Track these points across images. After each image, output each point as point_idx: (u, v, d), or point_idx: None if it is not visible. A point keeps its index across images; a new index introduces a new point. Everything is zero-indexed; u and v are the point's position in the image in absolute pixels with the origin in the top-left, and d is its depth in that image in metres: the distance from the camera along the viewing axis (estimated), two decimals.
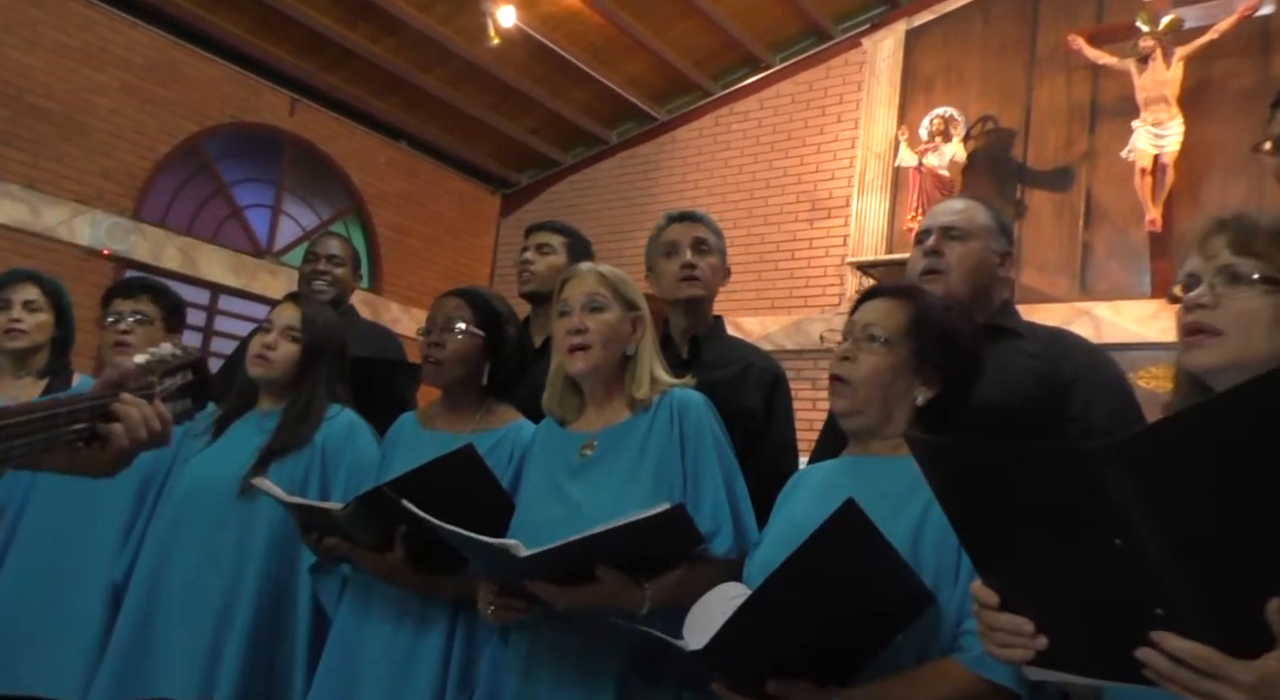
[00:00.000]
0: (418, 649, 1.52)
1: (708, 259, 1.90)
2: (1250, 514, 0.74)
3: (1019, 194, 4.75)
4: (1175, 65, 4.09)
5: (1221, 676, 0.75)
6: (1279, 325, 0.91)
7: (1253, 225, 0.95)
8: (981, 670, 1.07)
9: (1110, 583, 0.80)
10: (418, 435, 1.69)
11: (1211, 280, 0.96)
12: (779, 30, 5.56)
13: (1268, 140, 1.43)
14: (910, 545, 1.14)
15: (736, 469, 1.41)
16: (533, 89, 5.91)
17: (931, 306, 1.28)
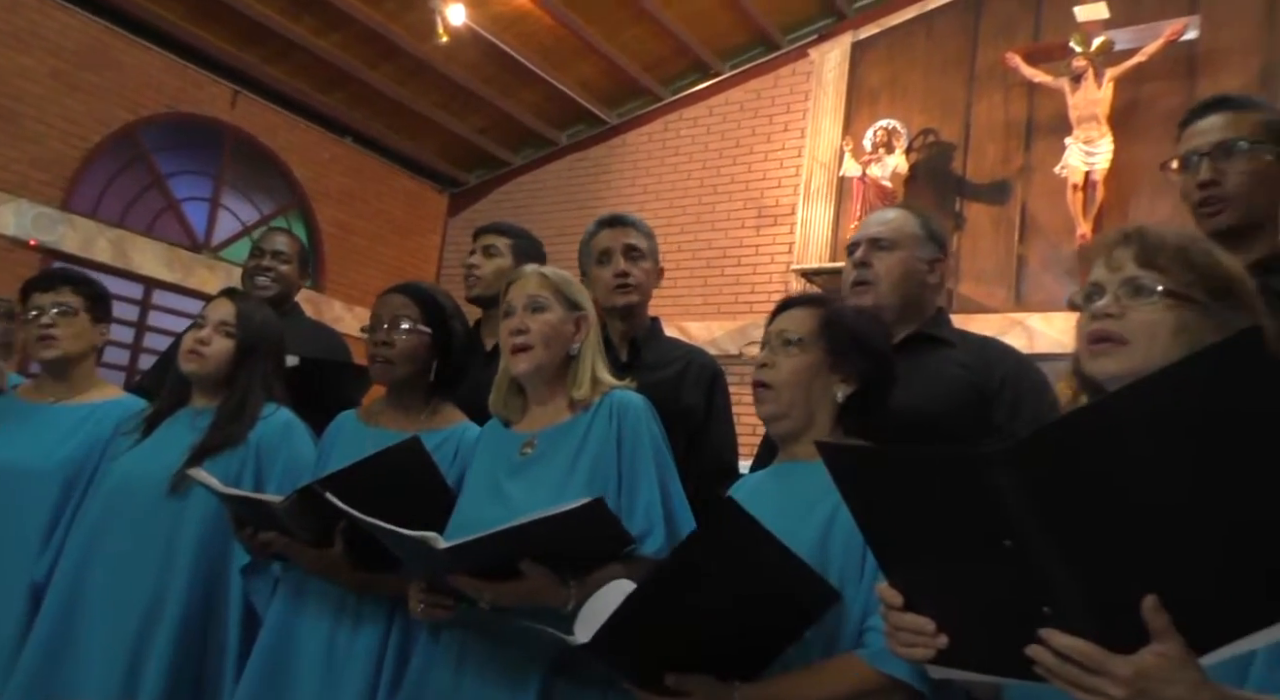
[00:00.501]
0: (352, 647, 1.51)
1: (641, 265, 1.92)
2: (1126, 515, 0.78)
3: (958, 206, 4.88)
4: (1106, 85, 4.25)
5: (1102, 671, 0.78)
6: (1180, 337, 0.95)
7: (1158, 240, 0.99)
8: (881, 665, 1.11)
9: (1002, 583, 0.83)
10: (359, 433, 1.67)
11: (1116, 291, 0.99)
12: (729, 38, 5.63)
13: (1174, 159, 1.49)
14: (819, 544, 1.18)
15: (673, 470, 1.43)
16: (482, 88, 5.87)
17: (840, 310, 1.36)
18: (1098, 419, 0.78)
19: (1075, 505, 0.77)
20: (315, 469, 1.63)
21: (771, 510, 1.15)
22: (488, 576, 1.26)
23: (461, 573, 1.27)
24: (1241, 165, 1.42)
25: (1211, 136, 1.45)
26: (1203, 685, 0.77)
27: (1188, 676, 0.77)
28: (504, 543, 1.21)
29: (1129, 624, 0.78)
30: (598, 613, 1.12)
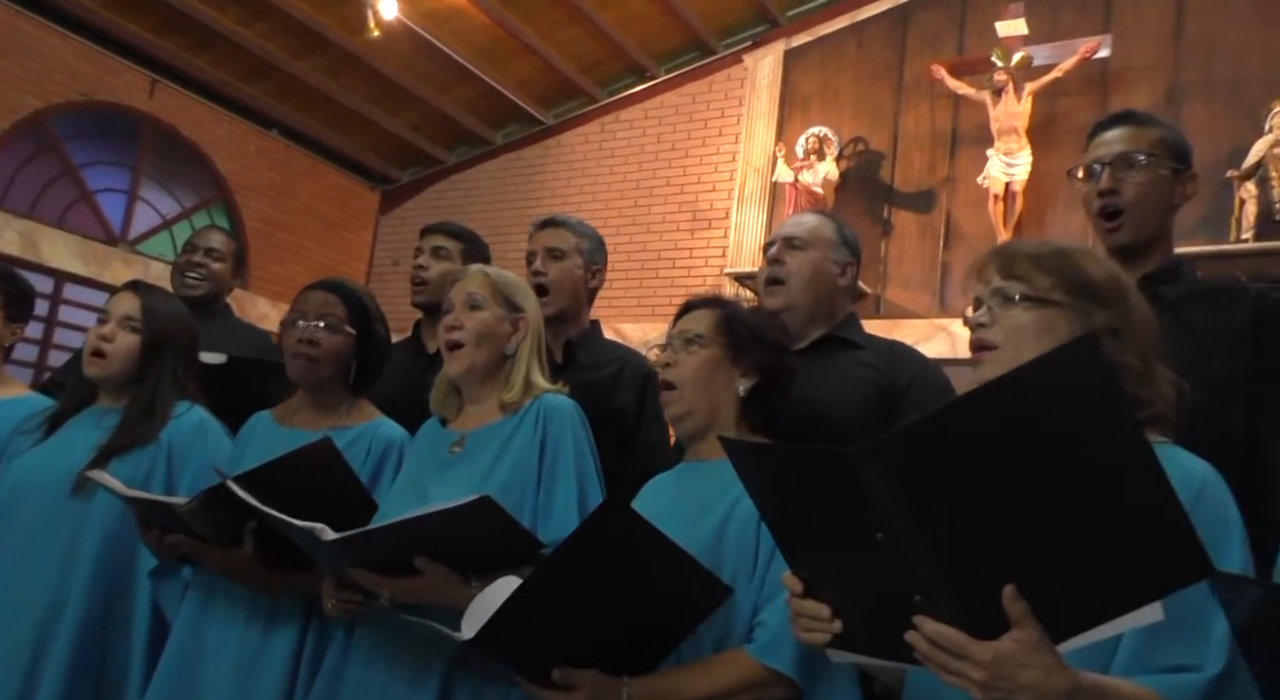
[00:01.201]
0: (266, 649, 1.47)
1: (560, 264, 1.91)
2: (983, 509, 0.81)
3: (886, 213, 5.00)
4: (1025, 99, 4.40)
5: (965, 655, 0.82)
6: (1044, 337, 1.02)
7: (1014, 252, 1.09)
8: (765, 658, 1.15)
9: (880, 572, 0.87)
10: (273, 433, 1.64)
11: (989, 302, 1.08)
12: (665, 42, 5.66)
13: (1079, 167, 1.56)
14: (713, 542, 1.22)
15: (594, 477, 1.44)
16: (415, 85, 5.79)
17: (737, 307, 1.41)
18: (951, 419, 0.82)
19: (936, 500, 0.81)
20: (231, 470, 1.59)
21: (670, 508, 1.17)
22: (389, 572, 1.24)
23: (359, 568, 1.25)
24: (1139, 177, 1.50)
25: (1114, 148, 1.53)
26: (1056, 669, 0.82)
27: (1042, 661, 0.81)
28: (394, 537, 1.20)
29: (992, 612, 0.82)
30: (484, 609, 1.12)
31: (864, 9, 5.18)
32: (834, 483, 0.87)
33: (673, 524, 1.12)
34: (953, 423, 0.82)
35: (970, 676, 0.83)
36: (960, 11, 4.89)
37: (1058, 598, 0.82)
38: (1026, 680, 0.81)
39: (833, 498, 0.89)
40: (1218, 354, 1.37)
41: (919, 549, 0.83)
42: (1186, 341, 1.33)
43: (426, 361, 1.97)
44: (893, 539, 0.84)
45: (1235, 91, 4.11)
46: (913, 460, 0.81)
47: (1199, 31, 4.26)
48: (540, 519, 1.35)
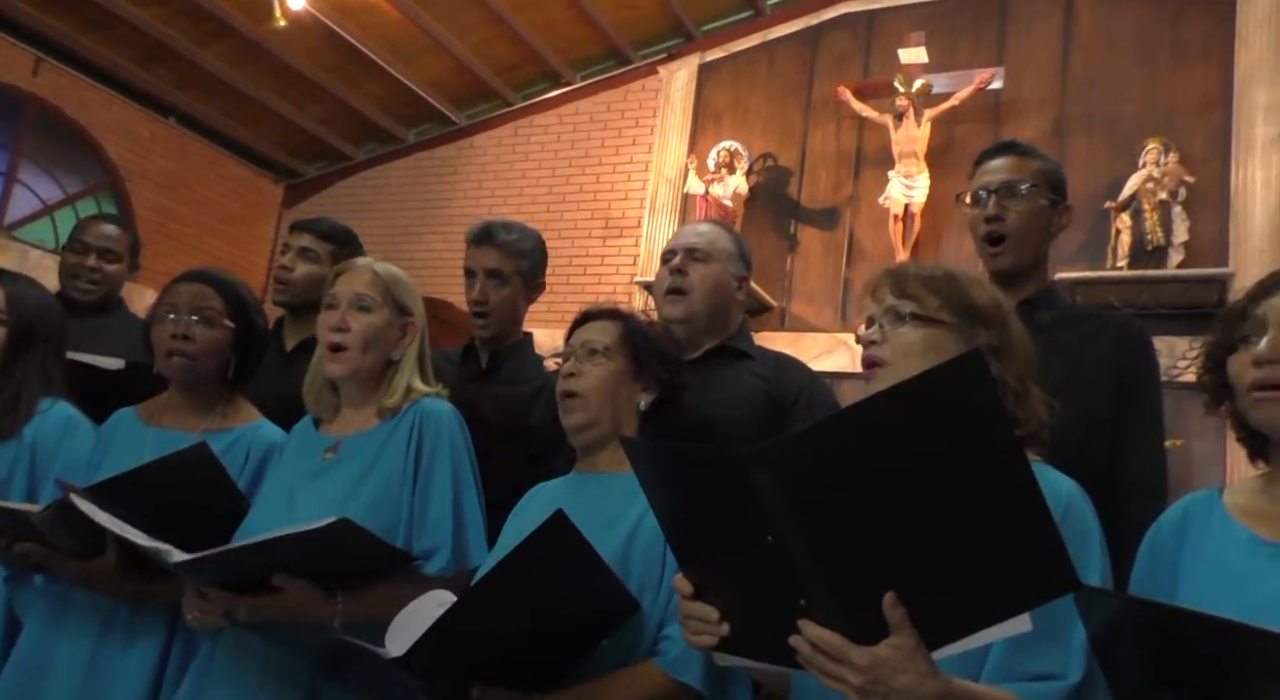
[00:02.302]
0: (121, 664, 1.39)
1: (502, 291, 1.89)
2: (867, 516, 0.85)
3: (792, 229, 5.12)
4: (924, 125, 4.59)
5: (844, 660, 0.85)
6: (930, 355, 1.07)
7: (905, 273, 1.14)
8: (673, 672, 1.16)
9: (767, 575, 0.90)
10: (138, 433, 1.56)
11: (880, 320, 1.13)
12: (581, 49, 5.67)
13: (967, 193, 1.65)
14: (621, 555, 1.22)
15: (471, 486, 1.41)
16: (323, 78, 5.63)
17: (638, 321, 1.42)
18: (840, 427, 0.86)
19: (822, 505, 0.84)
20: (89, 472, 1.50)
21: (575, 521, 1.18)
22: (247, 588, 1.20)
23: (212, 586, 1.21)
24: (1021, 206, 1.58)
25: (999, 176, 1.61)
26: (929, 675, 0.86)
27: (917, 667, 0.85)
28: (249, 557, 1.17)
29: (872, 618, 0.85)
30: (411, 625, 1.10)
31: (775, 29, 5.31)
32: (728, 484, 0.89)
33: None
34: (842, 430, 0.85)
35: (848, 680, 0.85)
36: (866, 37, 5.07)
37: (935, 606, 0.85)
38: (901, 685, 0.84)
39: (726, 499, 0.90)
40: (1086, 375, 1.47)
41: (805, 553, 0.85)
42: (1058, 363, 1.41)
43: (284, 360, 1.91)
44: (781, 542, 0.86)
45: (1114, 127, 4.38)
46: (802, 465, 0.83)
47: (1083, 69, 4.53)
48: (415, 529, 1.33)
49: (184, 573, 1.19)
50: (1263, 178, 4.05)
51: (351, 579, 1.22)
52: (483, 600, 1.08)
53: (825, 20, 5.18)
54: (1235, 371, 1.06)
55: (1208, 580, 1.04)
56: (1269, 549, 1.02)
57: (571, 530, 1.07)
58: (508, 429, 1.66)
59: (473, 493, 1.40)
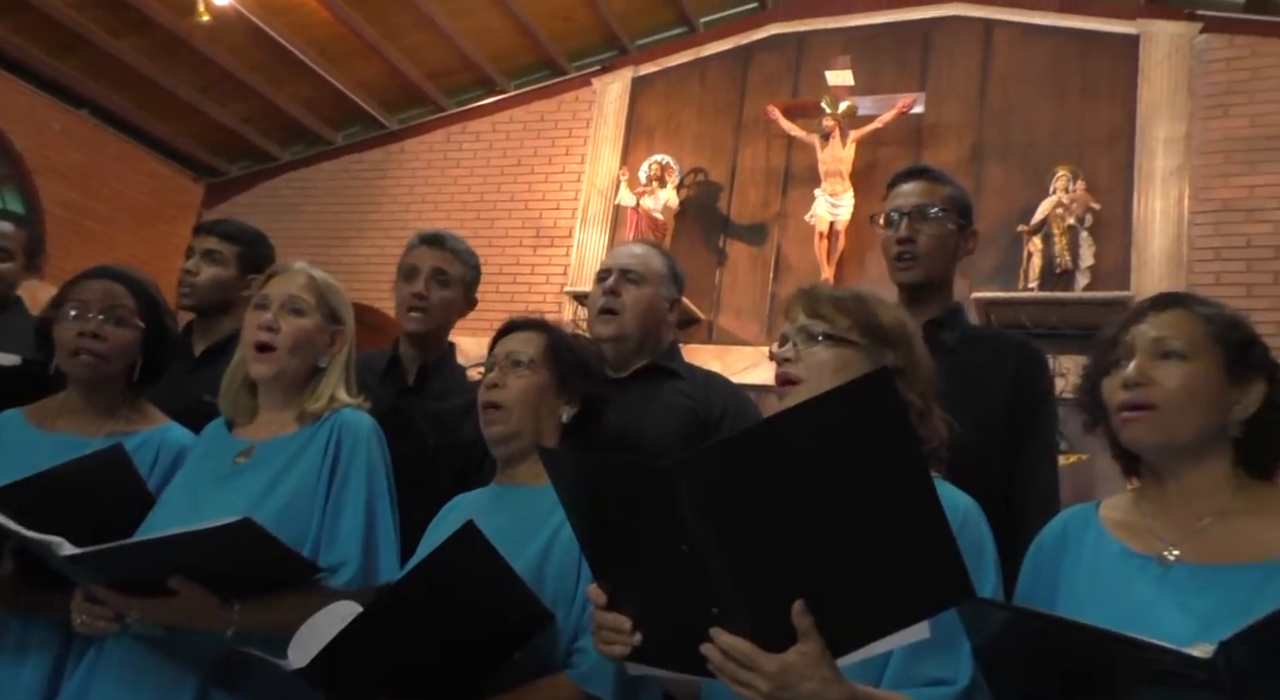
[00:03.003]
0: (13, 680, 1.33)
1: (443, 292, 1.88)
2: (781, 527, 0.88)
3: (722, 243, 5.19)
4: (849, 146, 4.72)
5: (753, 666, 0.88)
6: (841, 373, 1.11)
7: (818, 294, 1.19)
8: (585, 684, 1.17)
9: (682, 585, 0.92)
10: (32, 438, 1.49)
11: (794, 339, 1.16)
12: (515, 57, 5.66)
13: (881, 215, 1.71)
14: (536, 568, 1.23)
15: (385, 501, 1.39)
16: (248, 75, 5.49)
17: (563, 334, 1.44)
18: (755, 440, 0.89)
19: (737, 516, 0.86)
20: None
21: (491, 532, 1.18)
22: (145, 590, 1.17)
23: (103, 585, 1.17)
24: (931, 229, 1.65)
25: (911, 200, 1.68)
26: (835, 681, 0.89)
27: (823, 673, 0.88)
28: (145, 554, 1.14)
29: (781, 626, 0.88)
30: (315, 636, 1.08)
31: (708, 46, 5.40)
32: (645, 494, 0.91)
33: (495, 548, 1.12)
34: (757, 443, 0.88)
35: (757, 687, 0.88)
36: (796, 58, 5.19)
37: (840, 614, 0.88)
38: (807, 691, 0.87)
39: (643, 510, 0.92)
40: (987, 394, 1.53)
41: (719, 563, 0.87)
42: (961, 382, 1.47)
43: (191, 364, 1.86)
44: (696, 551, 0.88)
45: (1027, 155, 4.57)
46: (718, 476, 0.85)
47: (999, 98, 4.72)
48: (324, 541, 1.30)
49: (74, 569, 1.14)
50: (1161, 207, 4.28)
51: (251, 587, 1.19)
52: (389, 611, 1.07)
53: (756, 40, 5.29)
54: (1107, 393, 1.13)
55: (1084, 590, 1.10)
56: (1138, 561, 1.09)
57: (481, 540, 1.07)
58: (441, 444, 1.64)
59: (387, 508, 1.38)
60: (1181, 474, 1.11)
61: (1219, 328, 1.12)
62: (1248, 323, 1.16)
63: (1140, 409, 1.09)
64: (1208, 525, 1.09)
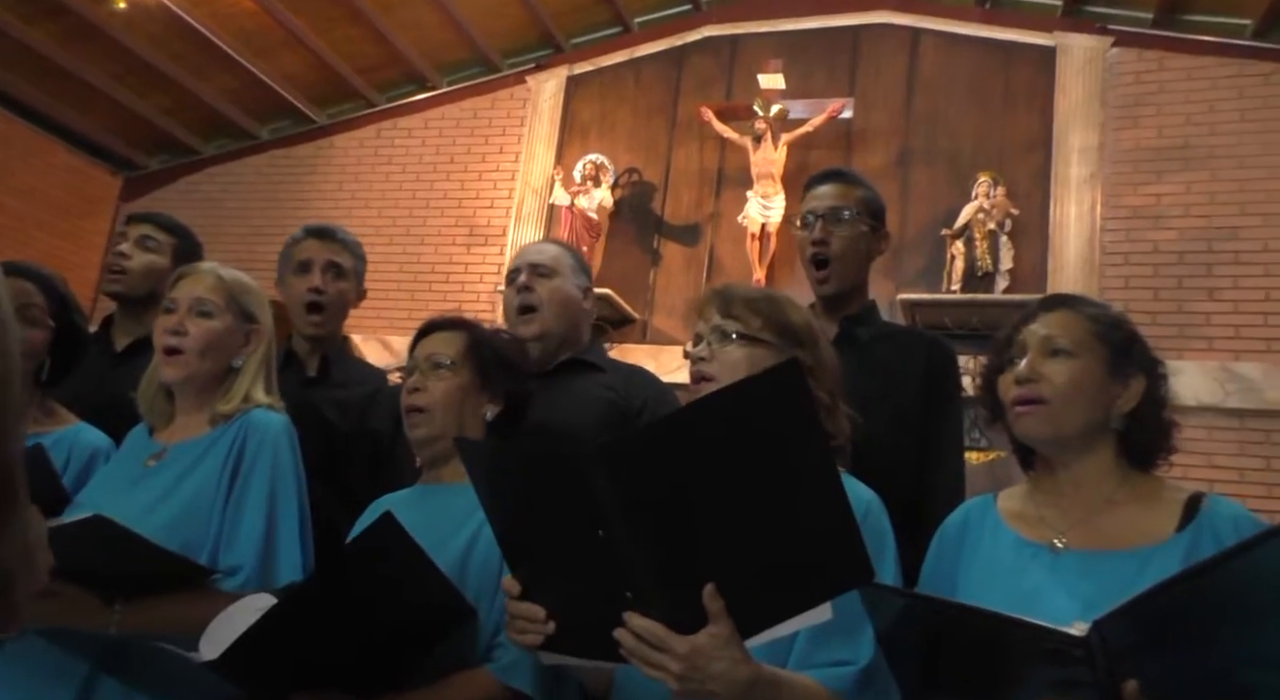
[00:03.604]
0: None
1: (338, 284, 1.88)
2: (694, 511, 0.90)
3: (656, 244, 5.22)
4: (781, 148, 4.79)
5: (665, 648, 0.91)
6: (753, 370, 1.14)
7: (732, 295, 1.22)
8: (505, 678, 1.18)
9: (596, 570, 0.94)
10: None
11: (708, 338, 1.20)
12: (448, 53, 5.60)
13: (797, 217, 1.75)
14: (459, 563, 1.23)
15: (291, 501, 1.36)
16: (169, 66, 5.32)
17: (484, 332, 1.43)
18: (669, 427, 0.91)
19: (652, 501, 0.88)
20: None
21: (415, 530, 1.18)
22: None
23: None
24: (845, 231, 1.69)
25: (826, 202, 1.71)
26: (743, 661, 0.92)
27: (731, 654, 0.91)
28: None
29: (693, 608, 0.90)
30: (229, 629, 1.06)
31: (642, 47, 5.42)
32: (561, 481, 0.92)
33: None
34: (670, 430, 0.90)
35: (668, 668, 0.90)
36: (730, 60, 5.25)
37: (748, 597, 0.91)
38: (717, 671, 0.90)
39: (559, 496, 0.93)
40: (899, 389, 1.58)
41: (633, 547, 0.89)
42: (875, 377, 1.52)
43: (112, 360, 1.81)
44: (611, 536, 0.90)
45: (951, 161, 4.71)
46: (633, 462, 0.87)
47: (925, 106, 4.85)
48: (224, 544, 1.28)
49: None
50: (1076, 213, 4.45)
51: (139, 588, 1.16)
52: (303, 603, 1.06)
53: (690, 42, 5.34)
54: (1003, 390, 1.19)
55: (981, 577, 1.15)
56: (1031, 549, 1.14)
57: (399, 532, 1.07)
58: (350, 432, 1.63)
59: (293, 510, 1.36)
60: (1070, 465, 1.17)
61: (1103, 327, 1.18)
62: (1130, 322, 1.22)
63: (1031, 403, 1.14)
64: (1093, 514, 1.14)
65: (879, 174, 4.70)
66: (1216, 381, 4.04)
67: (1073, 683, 0.89)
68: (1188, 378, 3.99)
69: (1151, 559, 1.06)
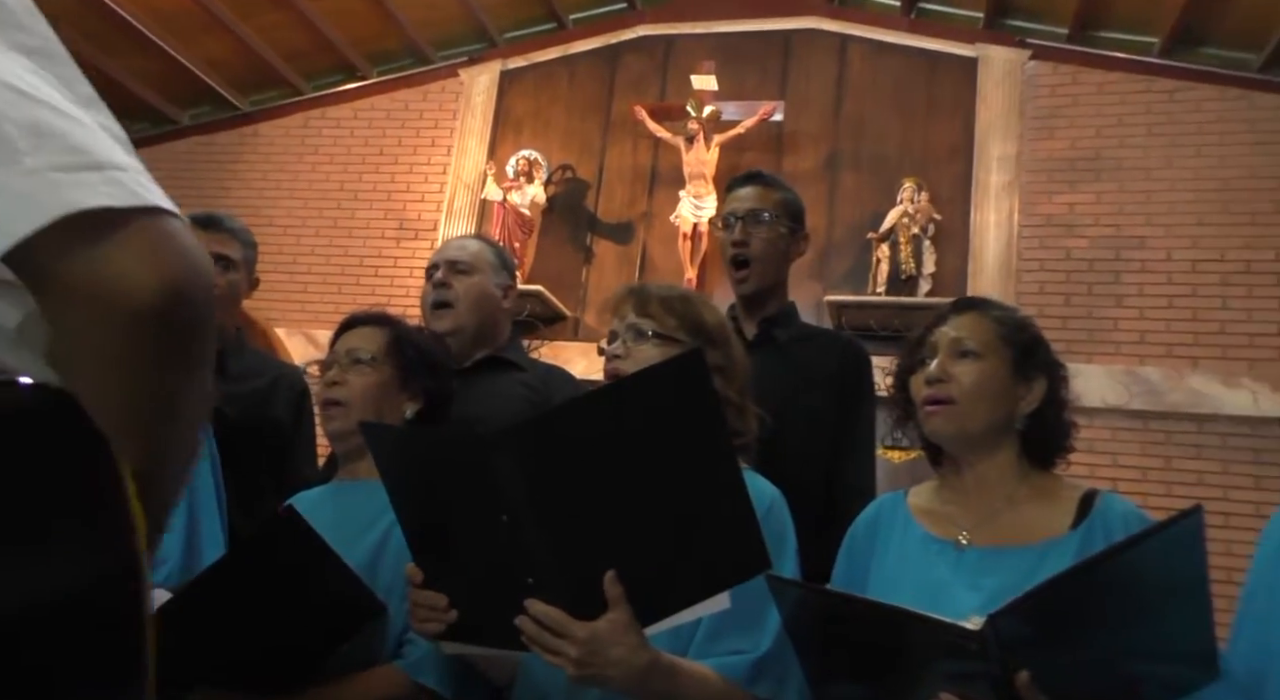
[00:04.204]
0: None
1: (227, 276, 1.85)
2: (596, 498, 0.91)
3: (589, 241, 5.21)
4: (713, 149, 4.83)
5: (565, 634, 0.92)
6: None
7: (648, 294, 1.24)
8: (413, 673, 1.17)
9: (499, 555, 0.94)
10: None
11: (624, 336, 1.21)
12: (378, 43, 5.49)
13: (719, 218, 1.78)
14: (371, 560, 1.22)
15: (212, 498, 1.35)
16: (82, 46, 5.08)
17: (408, 329, 1.42)
18: (573, 412, 0.92)
19: (554, 487, 0.89)
20: None
21: (328, 526, 1.16)
22: None
23: None
24: (764, 233, 1.72)
25: (746, 204, 1.74)
26: (640, 648, 0.93)
27: (630, 640, 0.92)
28: None
29: (594, 595, 0.91)
30: None
31: (576, 43, 5.41)
32: (466, 465, 0.92)
33: (331, 541, 1.10)
34: (574, 416, 0.91)
35: (567, 654, 0.91)
36: (664, 60, 5.27)
37: (649, 584, 0.93)
38: (615, 656, 0.91)
39: (463, 481, 0.93)
40: (814, 389, 1.62)
41: (536, 532, 0.90)
42: (792, 377, 1.55)
43: None
44: (515, 521, 0.90)
45: (878, 166, 4.82)
46: (537, 447, 0.88)
47: (854, 110, 4.95)
48: None
49: None
50: (995, 220, 4.60)
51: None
52: (202, 598, 1.03)
53: (625, 40, 5.34)
54: (914, 389, 1.22)
55: (892, 572, 1.18)
56: (938, 545, 1.18)
57: (302, 526, 1.05)
58: (252, 426, 1.59)
59: (212, 502, 1.34)
60: (975, 464, 1.21)
61: (1009, 330, 1.23)
62: (1034, 326, 1.27)
63: (940, 403, 1.18)
64: (997, 512, 1.18)
65: (809, 177, 4.79)
66: (1122, 384, 4.23)
67: (970, 675, 0.92)
68: (1096, 380, 4.17)
69: (1047, 555, 1.10)
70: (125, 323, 0.44)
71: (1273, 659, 0.93)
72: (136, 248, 0.44)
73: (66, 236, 0.42)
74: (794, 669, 1.03)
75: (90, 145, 0.45)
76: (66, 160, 0.43)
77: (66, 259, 0.42)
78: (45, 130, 0.44)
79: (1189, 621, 0.90)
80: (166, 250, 0.45)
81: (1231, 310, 4.21)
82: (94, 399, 0.42)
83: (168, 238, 0.46)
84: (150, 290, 0.44)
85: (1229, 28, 4.37)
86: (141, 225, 0.45)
